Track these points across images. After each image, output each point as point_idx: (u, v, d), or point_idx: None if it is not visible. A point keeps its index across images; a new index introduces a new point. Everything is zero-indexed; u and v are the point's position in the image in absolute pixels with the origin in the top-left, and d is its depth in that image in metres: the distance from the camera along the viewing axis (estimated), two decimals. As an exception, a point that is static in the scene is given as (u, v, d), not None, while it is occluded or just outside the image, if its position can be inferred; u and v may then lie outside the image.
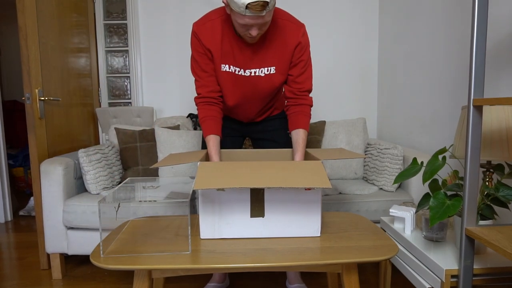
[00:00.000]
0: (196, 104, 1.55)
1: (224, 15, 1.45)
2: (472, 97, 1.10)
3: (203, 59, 1.49)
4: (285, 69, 1.52)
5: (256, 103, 1.62)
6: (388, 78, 2.72)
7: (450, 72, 1.96)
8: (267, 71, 1.50)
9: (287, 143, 1.73)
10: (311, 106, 1.57)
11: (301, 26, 1.48)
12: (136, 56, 2.87)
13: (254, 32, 1.32)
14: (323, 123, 2.41)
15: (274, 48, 1.47)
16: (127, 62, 2.93)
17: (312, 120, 2.89)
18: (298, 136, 1.51)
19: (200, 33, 1.46)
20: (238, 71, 1.49)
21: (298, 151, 1.49)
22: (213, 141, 1.49)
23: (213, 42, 1.45)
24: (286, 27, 1.46)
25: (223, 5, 1.43)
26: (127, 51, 2.91)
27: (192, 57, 1.51)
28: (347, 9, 2.85)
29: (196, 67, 1.51)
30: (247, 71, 1.49)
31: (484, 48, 1.07)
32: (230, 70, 1.49)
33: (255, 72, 1.50)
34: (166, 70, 2.90)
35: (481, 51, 1.07)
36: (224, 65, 1.48)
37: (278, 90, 1.65)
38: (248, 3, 1.22)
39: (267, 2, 1.23)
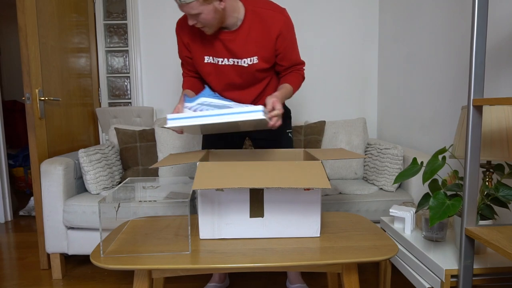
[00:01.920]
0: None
1: None
2: (472, 97, 1.10)
3: (182, 53, 1.59)
4: (268, 57, 1.51)
5: (245, 94, 1.61)
6: (388, 78, 2.72)
7: (450, 72, 1.96)
8: (250, 61, 1.49)
9: (285, 143, 1.73)
10: (303, 76, 1.63)
11: (281, 12, 1.46)
12: (136, 56, 2.87)
13: (189, 22, 1.35)
14: (323, 123, 2.41)
15: (255, 38, 1.46)
16: (127, 62, 2.93)
17: (312, 120, 2.89)
18: (284, 85, 1.53)
19: (180, 28, 1.52)
20: (222, 62, 1.50)
21: (278, 90, 1.49)
22: (187, 91, 1.57)
23: (192, 35, 1.49)
24: (266, 15, 1.45)
25: None
26: (127, 51, 2.91)
27: (180, 58, 1.63)
28: (347, 9, 2.85)
29: (179, 56, 1.62)
30: (230, 60, 1.49)
31: (484, 48, 1.07)
32: (214, 62, 1.51)
33: (237, 62, 1.49)
34: (166, 70, 2.90)
35: (481, 51, 1.07)
36: (207, 57, 1.51)
37: (268, 82, 1.63)
38: None
39: None
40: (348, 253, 1.11)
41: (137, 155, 2.32)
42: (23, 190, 4.06)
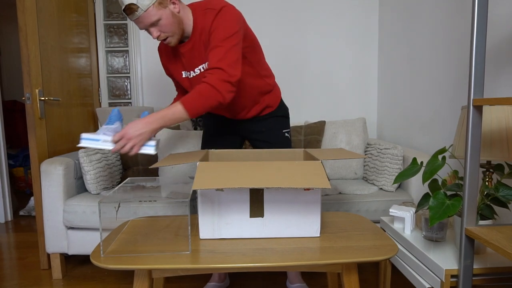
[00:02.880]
0: None
1: None
2: (472, 97, 1.10)
3: (166, 73, 1.67)
4: None
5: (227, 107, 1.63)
6: (388, 78, 2.72)
7: (450, 72, 1.96)
8: (207, 65, 1.47)
9: (282, 143, 1.72)
10: (212, 86, 1.32)
11: (215, 7, 1.38)
12: (136, 56, 2.87)
13: (153, 34, 1.37)
14: (323, 123, 2.41)
15: (205, 41, 1.43)
16: (127, 62, 2.93)
17: (312, 120, 2.89)
18: (172, 105, 1.37)
19: (160, 52, 1.61)
20: (190, 74, 1.52)
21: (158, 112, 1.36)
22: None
23: (167, 56, 1.57)
24: (207, 15, 1.41)
25: None
26: (127, 51, 2.91)
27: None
28: (347, 9, 2.85)
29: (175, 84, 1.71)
30: (196, 69, 1.50)
31: (484, 48, 1.07)
32: (187, 76, 1.55)
33: (202, 69, 1.49)
34: (166, 70, 2.91)
35: (481, 51, 1.08)
36: (184, 72, 1.55)
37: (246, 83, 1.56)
38: (122, 10, 1.33)
39: (133, 7, 1.29)
40: (348, 253, 1.11)
41: (137, 155, 2.32)
42: (23, 190, 4.06)
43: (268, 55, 2.88)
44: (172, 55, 1.56)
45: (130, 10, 1.30)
